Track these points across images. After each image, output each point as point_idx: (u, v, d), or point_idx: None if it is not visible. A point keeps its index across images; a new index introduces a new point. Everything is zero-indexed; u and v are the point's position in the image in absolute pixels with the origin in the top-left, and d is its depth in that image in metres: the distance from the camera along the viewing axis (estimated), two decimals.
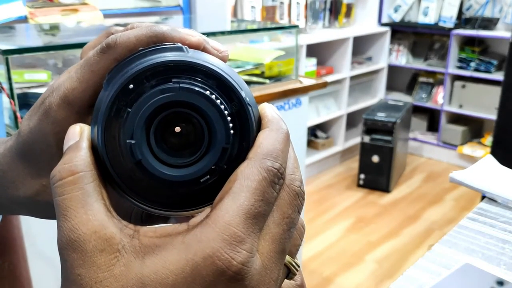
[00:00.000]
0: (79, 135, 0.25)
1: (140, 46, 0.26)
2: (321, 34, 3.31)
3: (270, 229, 0.23)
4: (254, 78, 1.71)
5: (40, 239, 1.21)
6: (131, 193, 0.25)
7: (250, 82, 1.68)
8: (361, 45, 3.78)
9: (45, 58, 1.55)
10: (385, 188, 3.14)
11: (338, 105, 3.52)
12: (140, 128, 0.24)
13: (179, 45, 0.25)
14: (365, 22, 3.74)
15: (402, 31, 3.84)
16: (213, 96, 0.24)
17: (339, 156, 3.64)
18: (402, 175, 3.42)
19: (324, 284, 2.23)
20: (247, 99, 0.25)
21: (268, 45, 2.55)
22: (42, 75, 1.42)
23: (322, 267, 2.35)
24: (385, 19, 3.78)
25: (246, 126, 0.25)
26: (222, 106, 0.24)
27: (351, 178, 3.35)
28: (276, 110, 0.27)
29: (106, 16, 2.20)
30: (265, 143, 0.24)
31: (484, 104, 3.40)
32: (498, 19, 3.41)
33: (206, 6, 2.72)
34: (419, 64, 3.77)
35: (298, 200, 0.25)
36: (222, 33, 1.58)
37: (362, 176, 3.18)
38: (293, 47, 1.82)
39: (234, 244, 0.21)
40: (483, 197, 0.94)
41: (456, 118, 3.67)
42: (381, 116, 3.09)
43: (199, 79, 0.24)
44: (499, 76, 3.22)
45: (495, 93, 3.06)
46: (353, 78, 3.55)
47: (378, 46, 3.81)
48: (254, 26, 2.07)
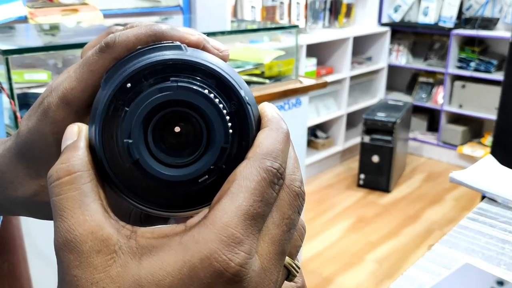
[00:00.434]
0: (77, 135, 0.25)
1: (139, 45, 0.26)
2: (321, 34, 3.31)
3: (270, 230, 0.23)
4: (254, 78, 1.71)
5: (40, 239, 1.21)
6: (129, 193, 0.24)
7: (250, 82, 1.67)
8: (361, 45, 3.78)
9: (45, 58, 1.54)
10: (385, 188, 3.14)
11: (338, 105, 3.52)
12: (137, 127, 0.23)
13: (178, 43, 0.25)
14: (365, 22, 3.73)
15: (402, 31, 3.84)
16: (211, 95, 0.23)
17: (339, 156, 3.63)
18: (402, 175, 3.42)
19: (324, 284, 2.23)
20: (247, 98, 0.24)
21: (268, 45, 2.55)
22: (42, 75, 1.42)
23: (322, 267, 2.35)
24: (385, 19, 3.78)
25: (245, 126, 0.24)
26: (221, 105, 0.24)
27: (351, 178, 3.35)
28: (276, 109, 0.26)
29: (106, 16, 2.19)
30: (264, 143, 0.24)
31: (484, 104, 3.40)
32: (498, 19, 3.40)
33: (206, 6, 2.72)
34: (419, 64, 3.77)
35: (298, 200, 0.24)
36: (222, 33, 1.58)
37: (362, 176, 3.18)
38: (293, 47, 1.82)
39: (232, 245, 0.21)
40: (483, 197, 0.94)
41: (456, 118, 3.67)
42: (381, 116, 3.09)
43: (198, 78, 0.24)
44: (499, 76, 3.22)
45: (495, 93, 3.05)
46: (353, 78, 3.55)
47: (378, 46, 3.80)
48: (254, 26, 2.06)
